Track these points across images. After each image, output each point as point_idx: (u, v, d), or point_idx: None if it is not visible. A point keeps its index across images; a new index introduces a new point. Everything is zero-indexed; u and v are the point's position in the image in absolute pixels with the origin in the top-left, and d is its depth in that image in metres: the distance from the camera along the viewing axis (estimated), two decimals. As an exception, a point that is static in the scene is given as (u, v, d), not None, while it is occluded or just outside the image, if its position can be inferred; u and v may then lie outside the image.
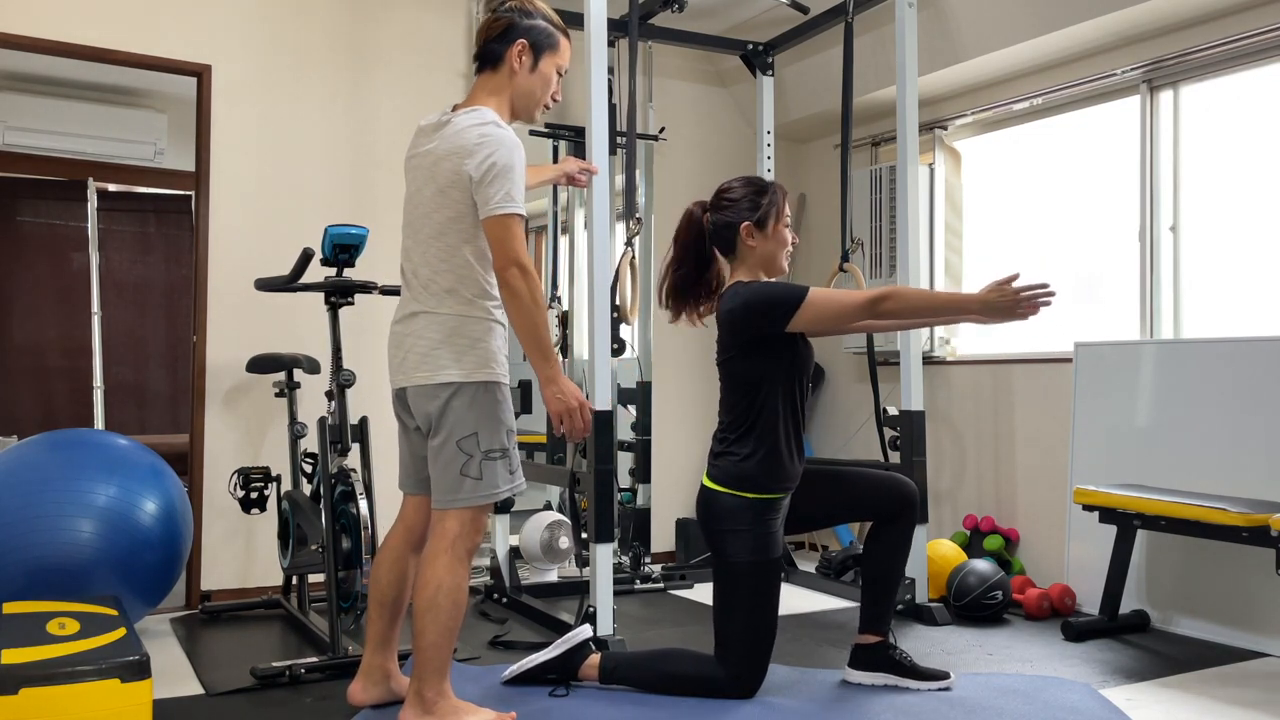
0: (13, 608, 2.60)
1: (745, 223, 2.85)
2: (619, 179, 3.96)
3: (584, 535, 3.68)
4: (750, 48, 4.67)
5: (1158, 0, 3.57)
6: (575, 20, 3.64)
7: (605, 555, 3.28)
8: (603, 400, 3.30)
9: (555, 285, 4.86)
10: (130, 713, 2.25)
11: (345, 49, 4.31)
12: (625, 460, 4.78)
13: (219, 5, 4.06)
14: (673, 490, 5.07)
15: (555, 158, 4.75)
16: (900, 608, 3.80)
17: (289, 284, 3.34)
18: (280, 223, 4.16)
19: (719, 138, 5.31)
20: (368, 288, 3.31)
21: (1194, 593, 3.60)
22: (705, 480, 2.83)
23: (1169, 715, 2.71)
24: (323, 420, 3.23)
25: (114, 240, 4.74)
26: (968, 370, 4.61)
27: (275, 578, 4.07)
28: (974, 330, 4.73)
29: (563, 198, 4.90)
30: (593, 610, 3.25)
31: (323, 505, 3.17)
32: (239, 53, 4.09)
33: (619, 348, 3.63)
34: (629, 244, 3.61)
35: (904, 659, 2.90)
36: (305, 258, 3.22)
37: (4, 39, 3.70)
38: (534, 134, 4.54)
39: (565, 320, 4.56)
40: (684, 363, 5.14)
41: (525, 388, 4.12)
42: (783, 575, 4.50)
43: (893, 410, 4.02)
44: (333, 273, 3.33)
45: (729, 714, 2.64)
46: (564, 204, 4.90)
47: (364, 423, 3.37)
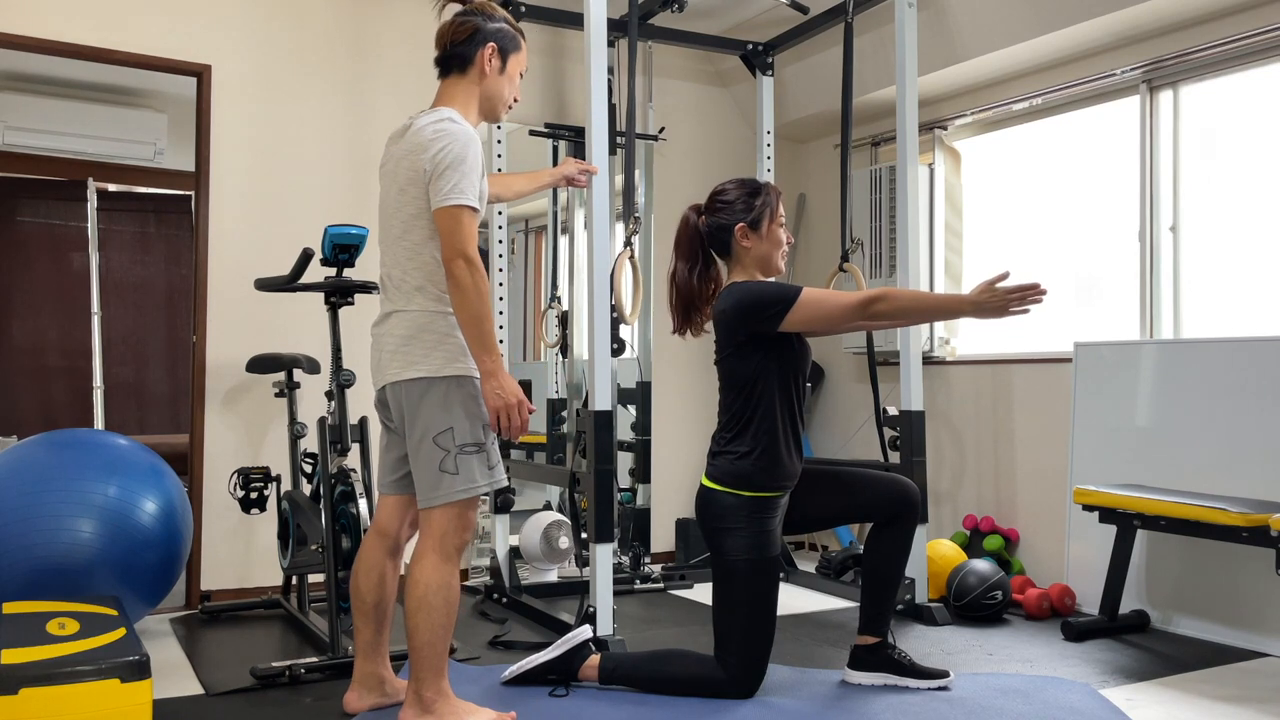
0: (13, 608, 2.60)
1: (740, 224, 2.86)
2: (619, 179, 3.96)
3: (584, 535, 3.68)
4: (750, 48, 4.67)
5: (1158, 0, 3.57)
6: (575, 20, 3.64)
7: (605, 555, 3.28)
8: (603, 400, 3.30)
9: (555, 285, 4.86)
10: (130, 713, 2.26)
11: (345, 48, 4.31)
12: (625, 460, 4.79)
13: (219, 5, 4.06)
14: (673, 490, 5.07)
15: (555, 158, 4.76)
16: (900, 608, 3.80)
17: (289, 284, 3.34)
18: (280, 223, 4.16)
19: (719, 138, 5.31)
20: (368, 288, 3.31)
21: (1194, 593, 3.60)
22: (704, 479, 2.84)
23: (1169, 715, 2.71)
24: (323, 420, 3.23)
25: (114, 240, 4.74)
26: (968, 370, 4.61)
27: (275, 578, 4.07)
28: (974, 330, 4.73)
29: (562, 198, 4.91)
30: (593, 610, 3.25)
31: (322, 505, 3.17)
32: (239, 53, 4.09)
33: (619, 348, 3.63)
34: (628, 244, 3.61)
35: (903, 659, 2.91)
36: (305, 258, 3.22)
37: (4, 39, 3.70)
38: (534, 134, 4.54)
39: (565, 320, 4.56)
40: (684, 363, 5.14)
41: (524, 388, 4.12)
42: (782, 575, 4.50)
43: (892, 410, 4.02)
44: (332, 273, 3.33)
45: (729, 714, 2.64)
46: (564, 204, 4.90)
47: (364, 423, 3.37)
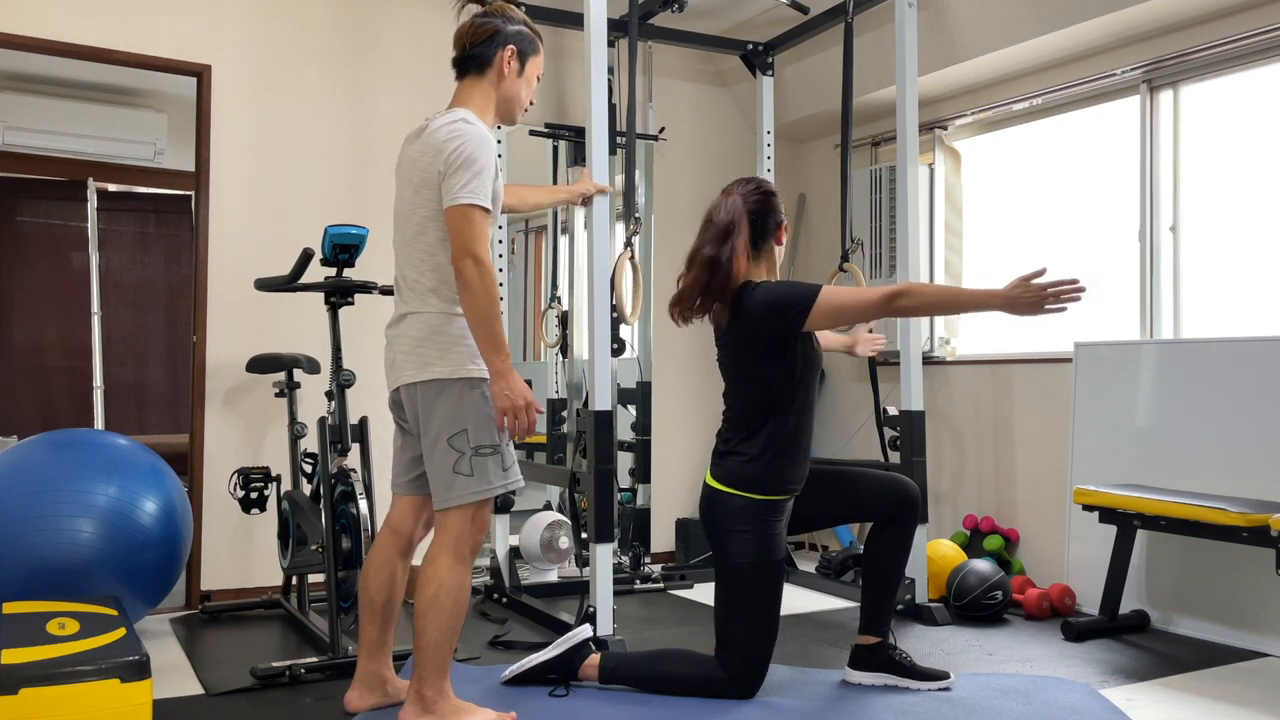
0: (13, 608, 2.60)
1: (782, 223, 2.87)
2: (619, 179, 3.96)
3: (584, 535, 3.68)
4: (750, 48, 4.67)
5: (1158, 0, 3.57)
6: (575, 20, 3.64)
7: (605, 555, 3.28)
8: (603, 400, 3.30)
9: (555, 285, 4.86)
10: (130, 713, 2.26)
11: (345, 48, 4.31)
12: (625, 460, 4.79)
13: (219, 5, 4.06)
14: (673, 490, 5.07)
15: (555, 158, 4.76)
16: (900, 608, 3.80)
17: (289, 284, 3.34)
18: (280, 223, 4.16)
19: (719, 138, 5.31)
20: (368, 288, 3.31)
21: (1194, 593, 3.60)
22: (709, 480, 2.82)
23: (1169, 715, 2.71)
24: (323, 420, 3.23)
25: (114, 240, 4.74)
26: (968, 370, 4.61)
27: (275, 578, 4.07)
28: (974, 330, 4.73)
29: (563, 198, 4.90)
30: (593, 610, 3.25)
31: (323, 505, 3.17)
32: (239, 53, 4.09)
33: (619, 348, 3.63)
34: (629, 244, 3.61)
35: (903, 659, 2.90)
36: (305, 258, 3.22)
37: (4, 39, 3.70)
38: (534, 134, 4.54)
39: (565, 320, 4.56)
40: (684, 363, 5.14)
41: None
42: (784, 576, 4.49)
43: (893, 410, 4.02)
44: (333, 273, 3.33)
45: (729, 714, 2.64)
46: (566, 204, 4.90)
47: (364, 423, 3.37)
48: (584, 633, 2.90)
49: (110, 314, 4.60)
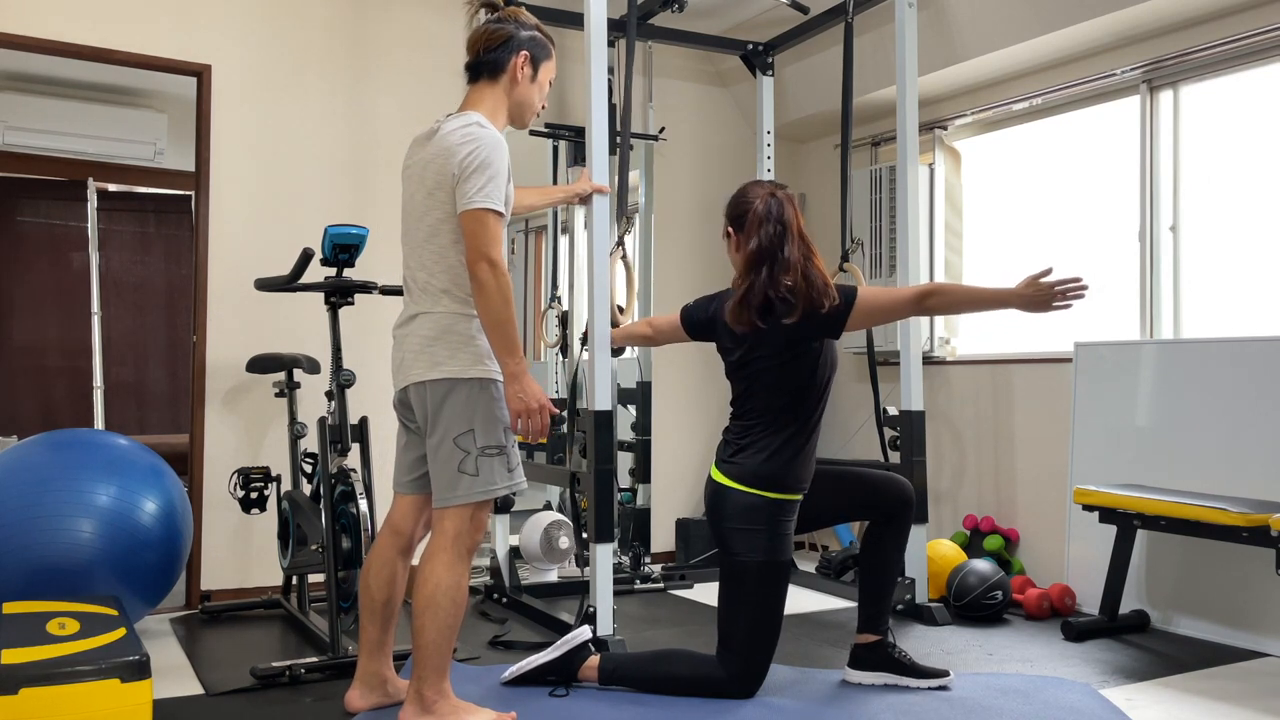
0: (13, 608, 2.60)
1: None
2: (619, 179, 3.96)
3: (584, 535, 3.67)
4: (750, 48, 4.67)
5: (1158, 0, 3.57)
6: (575, 20, 3.64)
7: (605, 555, 3.28)
8: (603, 400, 3.30)
9: (555, 285, 4.86)
10: (130, 713, 2.26)
11: (345, 48, 4.31)
12: (625, 460, 4.78)
13: (219, 5, 4.06)
14: (673, 490, 5.07)
15: (555, 158, 4.76)
16: (900, 607, 3.80)
17: (289, 284, 3.34)
18: (280, 223, 4.16)
19: (719, 138, 5.31)
20: (368, 288, 3.31)
21: (1194, 593, 3.60)
22: (720, 478, 2.80)
23: (1169, 715, 2.71)
24: (323, 420, 3.23)
25: (114, 240, 4.75)
26: (968, 370, 4.61)
27: (275, 578, 4.07)
28: (974, 330, 4.73)
29: (563, 198, 4.90)
30: (593, 610, 3.25)
31: (323, 505, 3.17)
32: (239, 53, 4.09)
33: (619, 348, 3.63)
34: (620, 243, 3.61)
35: (903, 658, 2.91)
36: (305, 258, 3.22)
37: (4, 39, 3.70)
38: (534, 134, 4.54)
39: (565, 320, 4.56)
40: (684, 363, 5.13)
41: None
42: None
43: (893, 410, 4.02)
44: (333, 273, 3.33)
45: (729, 714, 2.64)
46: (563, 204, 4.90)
47: (364, 423, 3.37)
48: (583, 635, 2.90)
49: (110, 314, 4.60)
